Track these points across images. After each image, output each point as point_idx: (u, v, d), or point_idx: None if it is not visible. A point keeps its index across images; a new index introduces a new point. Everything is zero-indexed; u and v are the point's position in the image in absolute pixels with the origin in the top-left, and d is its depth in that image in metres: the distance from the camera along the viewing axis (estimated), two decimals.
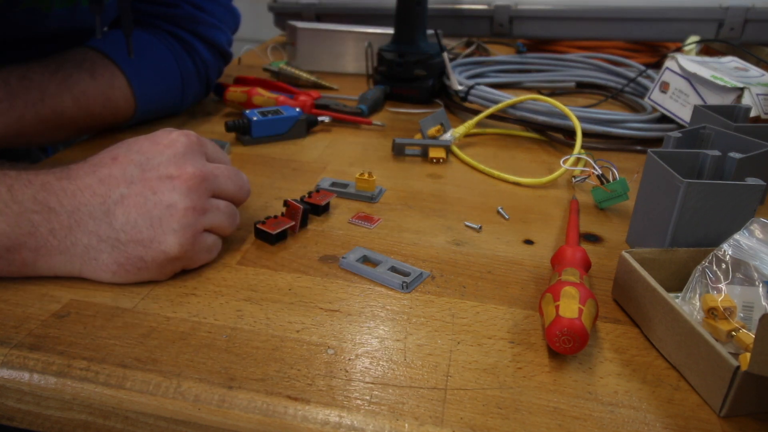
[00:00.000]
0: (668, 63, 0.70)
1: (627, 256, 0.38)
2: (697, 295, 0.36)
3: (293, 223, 0.45)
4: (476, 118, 0.67)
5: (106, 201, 0.37)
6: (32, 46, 0.58)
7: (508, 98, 0.68)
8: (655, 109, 0.72)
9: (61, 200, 0.36)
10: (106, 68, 0.59)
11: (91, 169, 0.38)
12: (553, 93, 0.89)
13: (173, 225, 0.37)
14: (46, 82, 0.54)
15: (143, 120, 0.65)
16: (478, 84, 0.74)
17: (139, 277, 0.38)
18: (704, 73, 0.65)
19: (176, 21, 0.67)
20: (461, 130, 0.65)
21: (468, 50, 1.06)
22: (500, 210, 0.51)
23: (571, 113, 0.63)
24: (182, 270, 0.40)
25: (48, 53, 0.57)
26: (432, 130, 0.64)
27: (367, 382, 0.32)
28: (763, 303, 0.34)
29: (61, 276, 0.38)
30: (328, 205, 0.49)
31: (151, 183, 0.37)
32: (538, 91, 0.88)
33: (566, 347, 0.32)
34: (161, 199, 0.37)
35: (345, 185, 0.53)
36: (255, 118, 0.62)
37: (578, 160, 0.58)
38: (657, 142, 0.67)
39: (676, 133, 0.47)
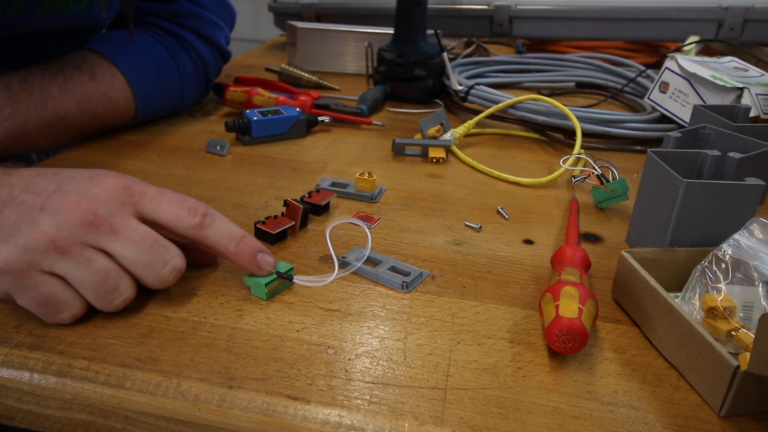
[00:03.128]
0: (668, 63, 0.70)
1: (627, 256, 0.38)
2: (697, 295, 0.36)
3: (293, 223, 0.45)
4: (476, 118, 0.67)
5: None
6: (51, 40, 0.59)
7: (508, 98, 0.68)
8: (654, 109, 0.72)
9: None
10: (106, 69, 0.59)
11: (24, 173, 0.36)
12: (553, 93, 0.89)
13: (18, 239, 0.32)
14: (48, 85, 0.54)
15: (144, 120, 0.66)
16: (478, 84, 0.74)
17: None
18: (704, 73, 0.65)
19: (173, 17, 0.67)
20: (461, 130, 0.65)
21: (468, 50, 1.06)
22: (500, 210, 0.51)
23: (571, 113, 0.63)
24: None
25: (67, 46, 0.59)
26: (432, 130, 0.64)
27: (367, 382, 0.32)
28: (763, 303, 0.34)
29: None
30: (328, 205, 0.49)
31: (48, 200, 0.34)
32: (538, 91, 0.88)
33: (566, 347, 0.32)
34: (35, 216, 0.33)
35: (345, 185, 0.53)
36: (255, 118, 0.62)
37: (578, 160, 0.58)
38: (657, 142, 0.67)
39: (676, 133, 0.47)
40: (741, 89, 0.61)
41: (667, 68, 0.70)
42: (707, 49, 1.04)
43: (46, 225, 0.33)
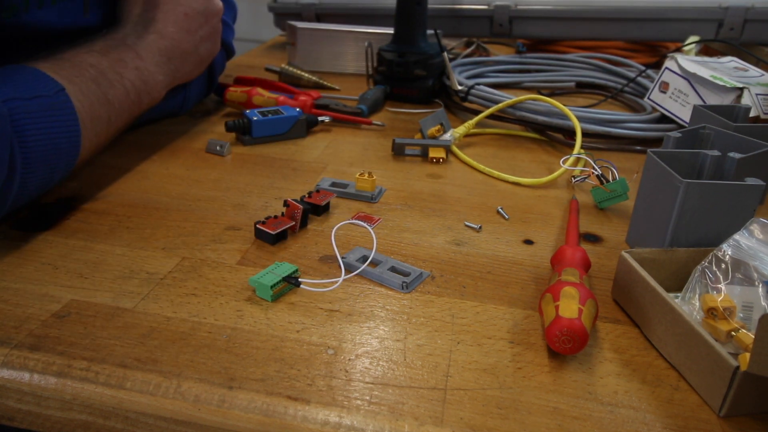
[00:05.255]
0: (668, 63, 0.70)
1: (627, 256, 0.38)
2: (697, 295, 0.36)
3: (293, 223, 0.45)
4: (476, 118, 0.67)
5: None
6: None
7: (508, 98, 0.68)
8: (654, 109, 0.72)
9: None
10: None
11: None
12: (553, 93, 0.89)
13: None
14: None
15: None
16: (478, 84, 0.74)
17: None
18: (704, 73, 0.65)
19: None
20: (461, 130, 0.65)
21: (468, 50, 1.06)
22: (500, 210, 0.51)
23: (571, 113, 0.63)
24: None
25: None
26: (432, 130, 0.64)
27: (367, 382, 0.32)
28: (763, 303, 0.34)
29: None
30: (328, 205, 0.49)
31: None
32: (538, 91, 0.88)
33: (566, 347, 0.32)
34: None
35: (345, 185, 0.53)
36: (255, 118, 0.63)
37: (578, 160, 0.58)
38: (657, 142, 0.67)
39: (676, 133, 0.47)
40: (741, 89, 0.61)
41: (667, 68, 0.70)
42: (707, 49, 1.04)
43: None
